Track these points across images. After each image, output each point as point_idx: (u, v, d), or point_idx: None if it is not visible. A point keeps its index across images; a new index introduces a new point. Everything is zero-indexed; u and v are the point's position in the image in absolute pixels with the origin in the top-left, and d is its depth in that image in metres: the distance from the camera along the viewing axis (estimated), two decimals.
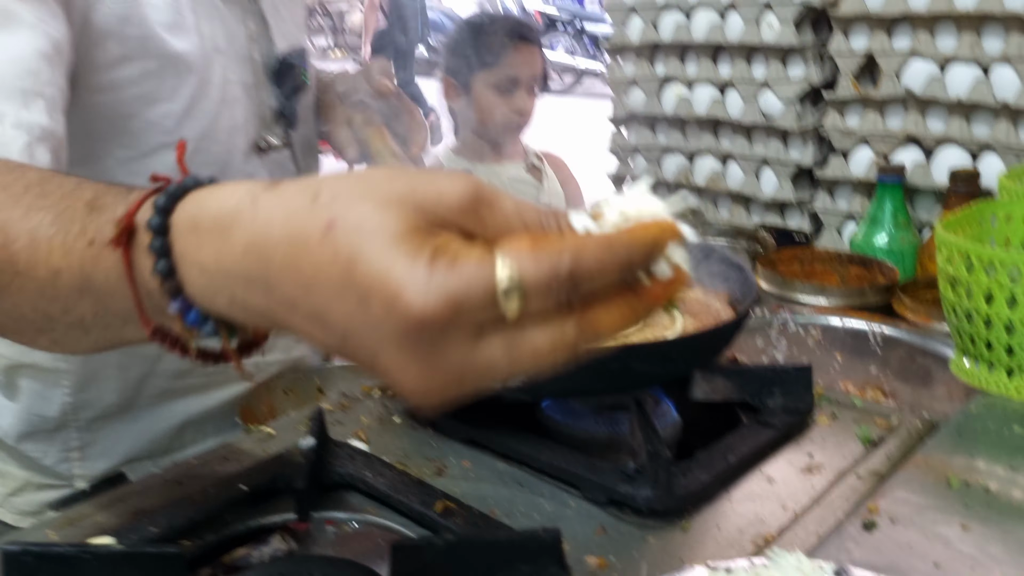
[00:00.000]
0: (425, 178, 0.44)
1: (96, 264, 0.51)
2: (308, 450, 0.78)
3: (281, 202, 0.45)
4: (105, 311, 0.53)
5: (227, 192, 0.48)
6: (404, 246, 0.41)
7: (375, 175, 0.45)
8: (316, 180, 0.45)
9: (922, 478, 0.80)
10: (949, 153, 1.53)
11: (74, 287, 0.52)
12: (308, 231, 0.43)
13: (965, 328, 0.95)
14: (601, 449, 0.88)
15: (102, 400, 1.05)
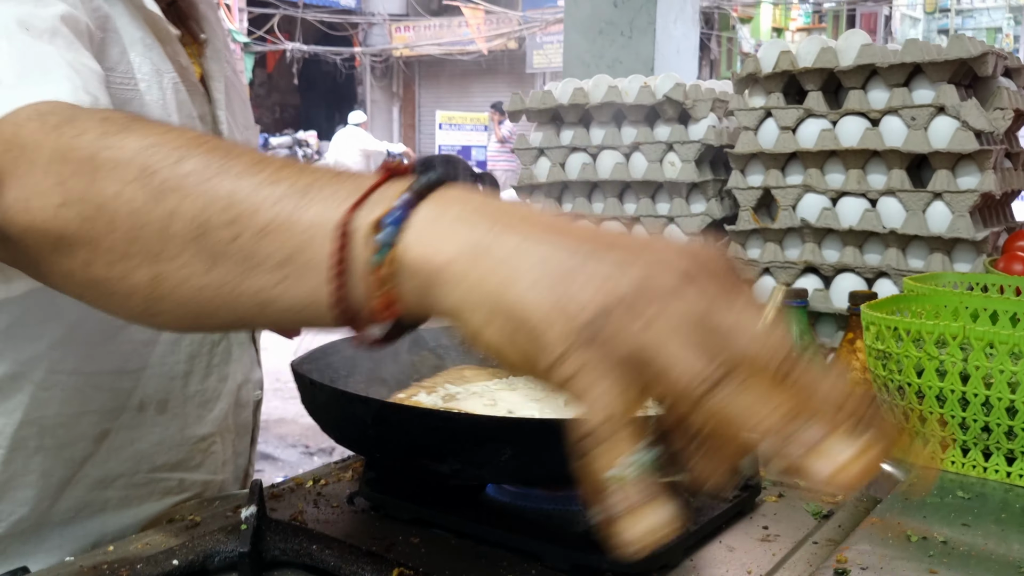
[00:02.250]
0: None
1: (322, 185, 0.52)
2: (249, 518, 0.72)
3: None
4: (286, 232, 0.51)
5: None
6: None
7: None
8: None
9: (881, 534, 0.80)
10: (846, 280, 1.62)
11: (279, 194, 0.52)
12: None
13: (898, 403, 0.97)
14: (556, 526, 0.84)
15: (13, 512, 0.95)
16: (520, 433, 0.72)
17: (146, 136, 0.58)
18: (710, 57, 14.13)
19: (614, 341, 0.43)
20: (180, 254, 0.54)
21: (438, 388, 0.98)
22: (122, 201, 0.56)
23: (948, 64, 1.48)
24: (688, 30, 3.15)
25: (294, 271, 0.52)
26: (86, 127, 0.60)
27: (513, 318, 0.45)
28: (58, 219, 0.58)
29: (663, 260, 0.44)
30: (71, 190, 0.58)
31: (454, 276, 0.47)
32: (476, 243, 0.47)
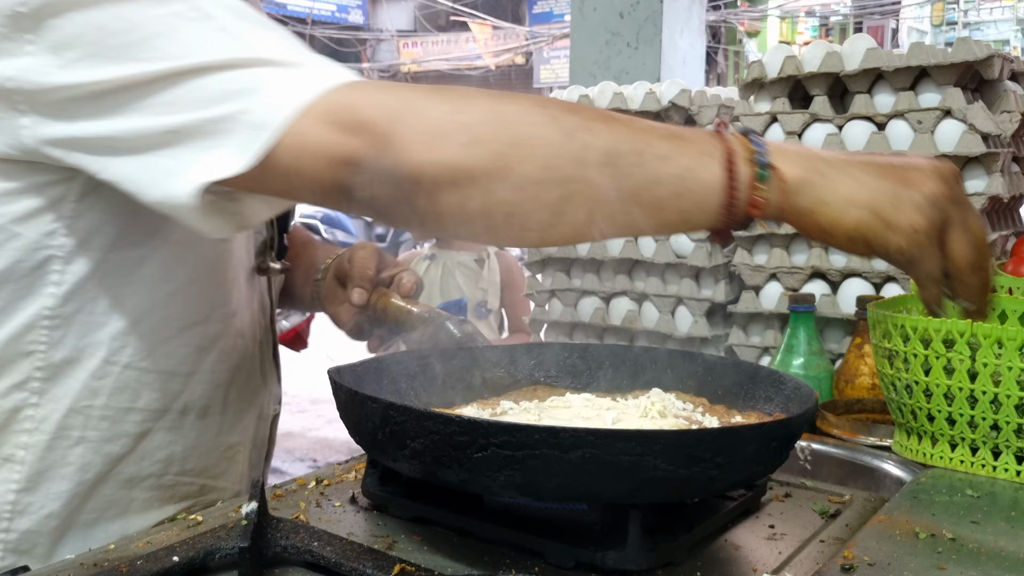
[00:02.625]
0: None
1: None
2: (250, 514, 0.72)
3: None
4: (686, 154, 0.75)
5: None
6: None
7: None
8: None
9: (889, 531, 0.79)
10: (853, 285, 1.61)
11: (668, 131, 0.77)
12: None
13: (906, 402, 0.96)
14: (559, 523, 0.83)
15: (44, 506, 0.95)
16: (516, 437, 0.71)
17: (523, 99, 0.78)
18: (717, 71, 14.15)
19: (932, 234, 0.77)
20: (592, 175, 0.73)
21: (498, 404, 0.98)
22: (539, 139, 0.74)
23: (954, 67, 1.47)
24: (694, 40, 3.15)
25: (690, 186, 0.74)
26: (453, 93, 0.78)
27: (868, 208, 0.76)
28: (467, 156, 0.74)
29: (941, 189, 0.78)
30: (479, 133, 0.74)
31: (811, 185, 0.75)
32: (814, 166, 0.76)
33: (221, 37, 0.80)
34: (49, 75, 0.81)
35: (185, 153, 0.79)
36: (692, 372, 1.04)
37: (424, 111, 0.76)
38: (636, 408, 0.92)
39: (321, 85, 0.77)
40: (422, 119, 0.75)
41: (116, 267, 0.93)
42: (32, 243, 0.90)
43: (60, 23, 0.80)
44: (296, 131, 0.76)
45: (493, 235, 0.79)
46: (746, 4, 14.75)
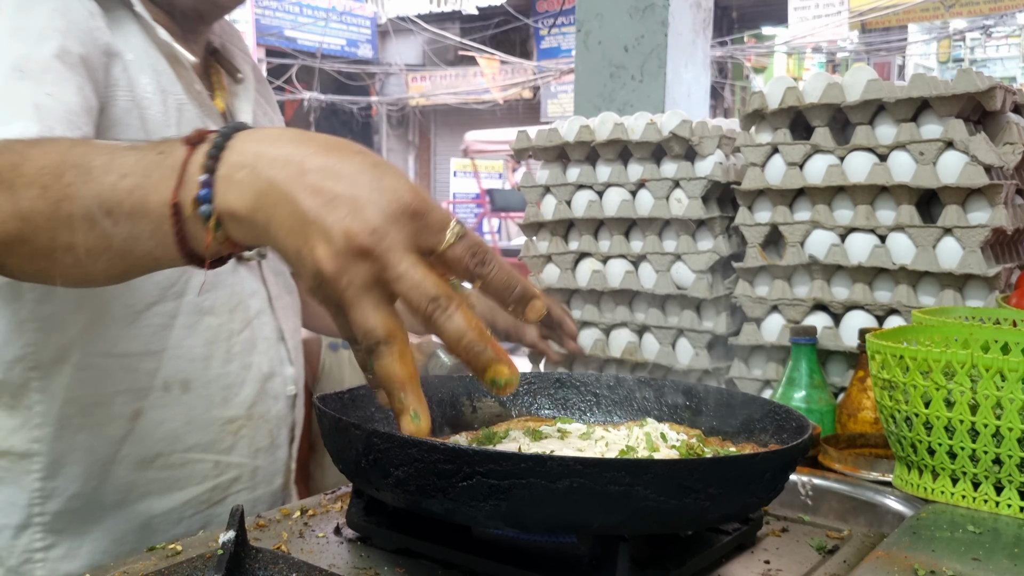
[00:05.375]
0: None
1: (159, 163, 0.72)
2: (227, 544, 0.70)
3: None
4: (145, 215, 0.72)
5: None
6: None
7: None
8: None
9: (887, 568, 0.76)
10: (856, 317, 1.59)
11: (130, 187, 0.73)
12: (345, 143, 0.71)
13: (906, 435, 0.94)
14: (547, 557, 0.81)
15: (68, 488, 1.07)
16: (503, 466, 0.69)
17: (38, 159, 0.77)
18: (724, 105, 14.21)
19: (327, 294, 0.67)
20: (85, 240, 0.75)
21: (487, 434, 0.96)
22: (36, 213, 0.76)
23: (956, 99, 1.46)
24: (699, 74, 3.15)
25: (162, 239, 0.73)
26: (5, 160, 0.78)
27: (285, 255, 0.69)
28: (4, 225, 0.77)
29: (358, 223, 0.66)
30: (3, 209, 0.77)
31: (251, 224, 0.69)
32: (255, 198, 0.69)
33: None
34: None
35: None
36: (687, 403, 1.02)
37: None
38: (628, 439, 0.90)
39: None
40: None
41: None
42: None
43: None
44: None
45: (47, 282, 0.82)
46: (753, 40, 14.85)
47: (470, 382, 1.06)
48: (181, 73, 1.13)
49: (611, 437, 0.90)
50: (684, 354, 1.76)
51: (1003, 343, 1.05)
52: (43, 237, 0.76)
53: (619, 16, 2.94)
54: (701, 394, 1.02)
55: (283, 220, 0.67)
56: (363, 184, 0.66)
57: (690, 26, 2.97)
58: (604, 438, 0.90)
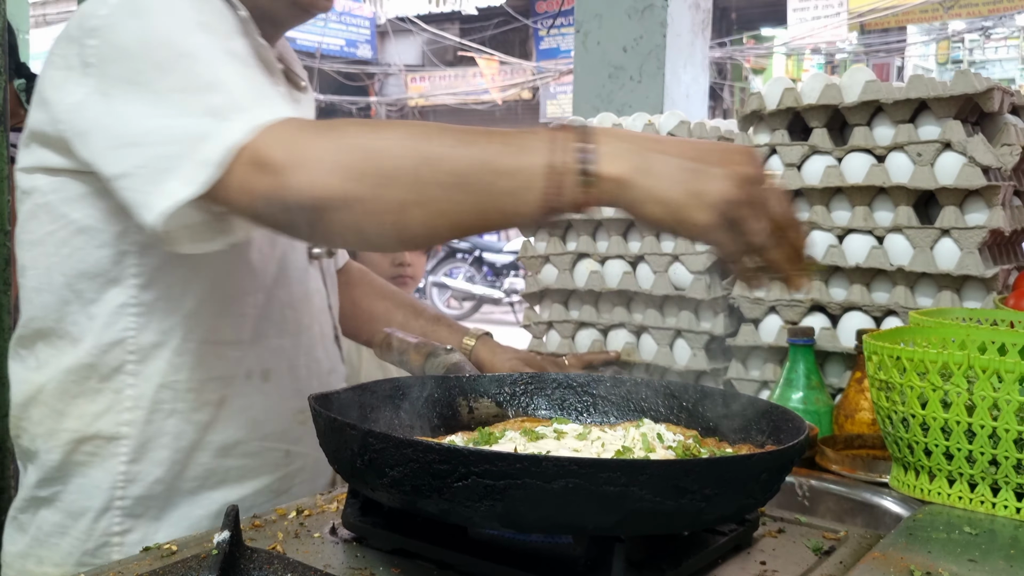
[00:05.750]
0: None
1: (525, 139, 0.89)
2: (222, 544, 0.70)
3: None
4: (520, 175, 0.87)
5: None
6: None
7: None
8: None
9: (883, 569, 0.76)
10: (853, 318, 1.59)
11: (498, 151, 0.89)
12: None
13: (902, 436, 0.94)
14: (543, 558, 0.81)
15: (151, 473, 1.11)
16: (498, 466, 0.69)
17: (396, 129, 0.94)
18: (723, 107, 14.21)
19: (729, 219, 0.85)
20: (446, 196, 0.88)
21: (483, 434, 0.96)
22: (401, 170, 0.88)
23: (954, 100, 1.46)
24: (698, 75, 3.15)
25: (527, 196, 0.87)
26: (346, 130, 0.93)
27: (667, 203, 0.86)
28: (343, 189, 0.89)
29: (739, 171, 0.86)
30: (353, 169, 0.89)
31: (629, 185, 0.86)
32: (636, 165, 0.86)
33: (193, 78, 0.97)
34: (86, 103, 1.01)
35: (147, 186, 0.95)
36: (684, 404, 1.02)
37: (315, 152, 0.91)
38: (625, 439, 0.89)
39: (249, 130, 0.92)
40: (313, 160, 0.90)
41: (182, 256, 1.04)
42: (112, 239, 1.06)
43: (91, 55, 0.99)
44: (230, 170, 0.91)
45: (367, 245, 1.02)
46: (752, 41, 14.85)
47: (467, 382, 1.05)
48: (274, 77, 1.19)
49: (607, 438, 0.89)
50: (682, 355, 1.76)
51: (1000, 344, 1.05)
52: (397, 192, 0.88)
53: (618, 17, 2.94)
54: (698, 395, 1.02)
55: (669, 175, 0.86)
56: (731, 149, 0.89)
57: (689, 27, 2.97)
58: (600, 439, 0.90)
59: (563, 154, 0.87)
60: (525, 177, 0.87)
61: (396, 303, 1.59)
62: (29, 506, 1.14)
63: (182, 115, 0.94)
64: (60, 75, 1.04)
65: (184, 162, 0.92)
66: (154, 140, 0.95)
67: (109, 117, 0.98)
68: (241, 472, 1.16)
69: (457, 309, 10.74)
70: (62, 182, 1.08)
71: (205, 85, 0.96)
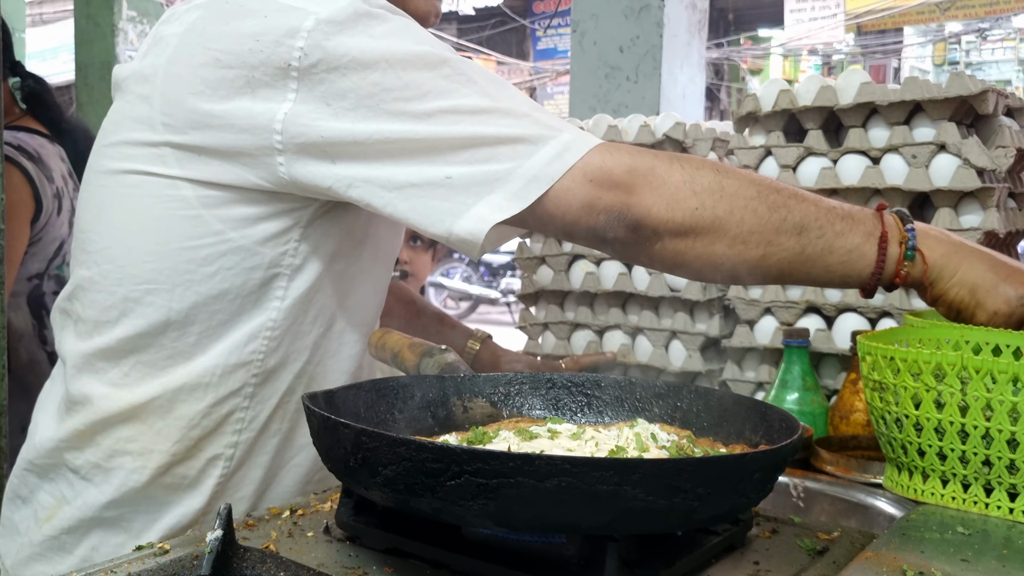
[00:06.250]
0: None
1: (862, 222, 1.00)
2: (214, 542, 0.70)
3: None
4: (851, 236, 0.99)
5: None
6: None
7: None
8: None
9: (876, 569, 0.76)
10: (848, 320, 1.59)
11: (841, 213, 1.00)
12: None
13: (896, 436, 0.94)
14: (537, 558, 0.81)
15: (240, 490, 1.09)
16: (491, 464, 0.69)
17: (741, 176, 1.00)
18: (719, 108, 14.22)
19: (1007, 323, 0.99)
20: (784, 242, 0.97)
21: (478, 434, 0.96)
22: (749, 210, 0.97)
23: (948, 102, 1.47)
24: (694, 75, 3.15)
25: (853, 258, 0.99)
26: (687, 163, 0.99)
27: (972, 286, 0.99)
28: (694, 216, 0.96)
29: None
30: (704, 201, 0.96)
31: (943, 268, 1.00)
32: (950, 254, 1.00)
33: (487, 105, 0.98)
34: (319, 121, 0.96)
35: (462, 197, 0.95)
36: (678, 404, 1.02)
37: (664, 177, 0.96)
38: (619, 439, 0.90)
39: (581, 149, 0.96)
40: (663, 183, 0.96)
41: (327, 282, 1.09)
42: (268, 262, 1.04)
43: (334, 78, 0.95)
44: (562, 185, 0.95)
45: (702, 276, 1.04)
46: (749, 42, 14.86)
47: (461, 382, 1.05)
48: None
49: (601, 437, 0.89)
50: (677, 356, 1.76)
51: (994, 346, 1.05)
52: (740, 232, 0.97)
53: (615, 17, 2.94)
54: (692, 395, 1.02)
55: (979, 263, 1.00)
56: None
57: (685, 27, 2.97)
58: (594, 438, 0.90)
59: (892, 229, 0.99)
60: (858, 243, 0.98)
61: (400, 299, 1.58)
62: (81, 526, 1.07)
63: (507, 128, 0.97)
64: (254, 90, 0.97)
65: (511, 177, 0.95)
66: (472, 155, 0.96)
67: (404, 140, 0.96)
68: (296, 478, 1.15)
69: (454, 309, 10.76)
70: (226, 198, 1.02)
71: (502, 106, 0.98)
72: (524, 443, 0.88)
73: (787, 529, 0.92)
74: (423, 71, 0.97)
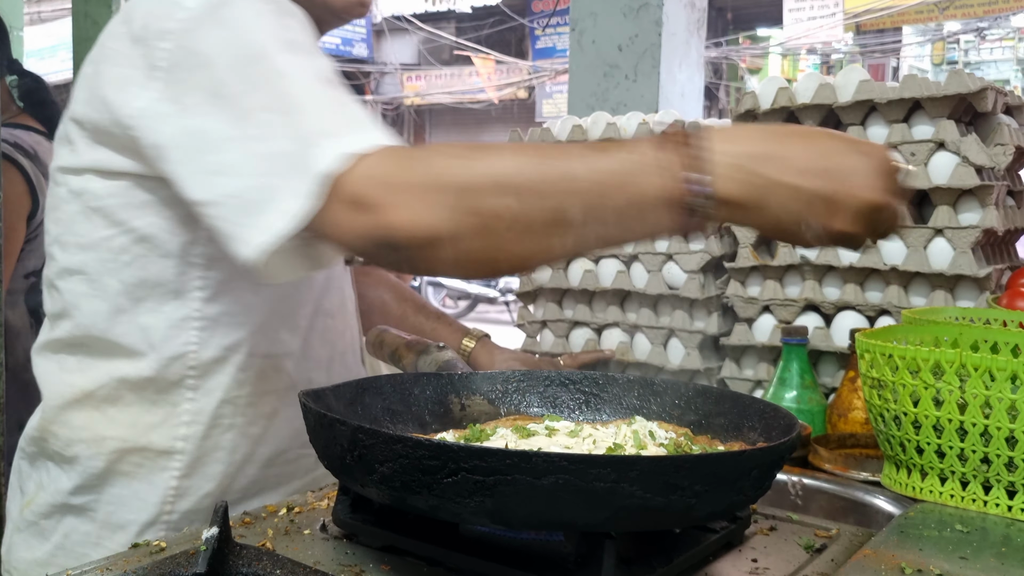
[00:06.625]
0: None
1: (641, 162, 0.81)
2: (210, 540, 0.69)
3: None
4: (637, 206, 0.81)
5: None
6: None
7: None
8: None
9: (875, 566, 0.76)
10: (847, 318, 1.59)
11: (620, 183, 0.81)
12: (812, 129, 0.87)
13: (894, 434, 0.94)
14: (534, 556, 0.81)
15: (203, 487, 1.09)
16: (488, 462, 0.69)
17: (493, 158, 0.85)
18: (718, 107, 14.22)
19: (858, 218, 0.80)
20: (559, 230, 0.82)
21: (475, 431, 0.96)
22: (503, 208, 0.81)
23: (947, 100, 1.47)
24: (693, 74, 3.15)
25: (653, 217, 0.82)
26: (437, 161, 0.85)
27: (795, 221, 0.81)
28: (447, 222, 0.81)
29: (869, 166, 0.81)
30: (458, 203, 0.82)
31: (745, 207, 0.81)
32: (755, 183, 0.81)
33: (286, 105, 0.90)
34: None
35: (240, 218, 0.89)
36: (676, 402, 1.02)
37: (413, 182, 0.84)
38: (616, 436, 0.89)
39: (341, 156, 0.85)
40: (410, 192, 0.83)
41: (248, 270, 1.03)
42: (177, 250, 1.03)
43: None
44: (324, 204, 0.85)
45: (473, 276, 0.90)
46: (748, 41, 14.86)
47: (459, 380, 1.05)
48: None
49: (599, 435, 0.89)
50: (676, 354, 1.76)
51: (993, 343, 1.05)
52: (505, 230, 0.82)
53: (613, 15, 2.94)
54: (691, 393, 1.02)
55: (786, 200, 0.80)
56: (850, 153, 0.81)
57: (684, 26, 2.97)
58: (592, 436, 0.90)
59: (674, 183, 0.81)
60: (644, 208, 0.82)
61: (398, 296, 1.57)
62: (55, 512, 1.10)
63: (271, 139, 0.88)
64: (120, 73, 0.98)
65: (279, 194, 0.86)
66: (245, 168, 0.89)
67: (189, 135, 0.92)
68: (278, 480, 1.16)
69: (452, 308, 10.76)
70: (123, 187, 1.03)
71: (295, 107, 0.90)
72: (521, 440, 0.88)
73: (785, 527, 0.92)
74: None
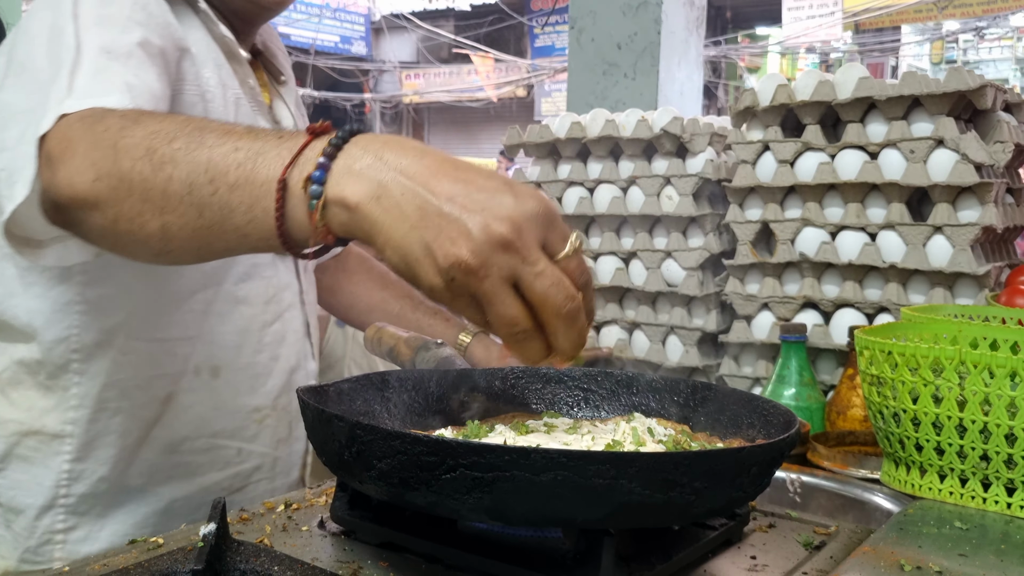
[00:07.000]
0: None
1: (277, 144, 0.74)
2: (208, 536, 0.69)
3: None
4: (248, 187, 0.73)
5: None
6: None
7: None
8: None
9: (874, 563, 0.76)
10: (846, 315, 1.59)
11: (241, 159, 0.74)
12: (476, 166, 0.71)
13: (893, 431, 0.94)
14: (531, 552, 0.80)
15: (96, 471, 1.09)
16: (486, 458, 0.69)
17: (149, 125, 0.80)
18: (717, 105, 14.21)
19: (463, 285, 0.67)
20: (177, 207, 0.77)
21: (472, 428, 0.96)
22: (135, 173, 0.78)
23: (946, 97, 1.46)
24: (692, 72, 3.15)
25: (258, 214, 0.74)
26: (110, 123, 0.82)
27: (400, 251, 0.68)
28: (93, 189, 0.81)
29: (491, 229, 0.67)
30: (101, 168, 0.80)
31: (363, 214, 0.69)
32: (376, 189, 0.69)
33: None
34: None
35: (4, 191, 0.88)
36: (675, 399, 1.01)
37: (78, 147, 0.83)
38: (615, 433, 0.89)
39: (54, 117, 0.85)
40: (74, 155, 0.83)
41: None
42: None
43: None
44: (38, 172, 0.85)
45: (123, 253, 0.87)
46: (747, 40, 14.87)
47: (457, 376, 1.05)
48: (236, 68, 1.18)
49: (598, 431, 0.89)
50: (674, 351, 1.76)
51: (992, 340, 1.04)
52: (136, 199, 0.79)
53: (612, 13, 2.93)
54: (690, 390, 1.02)
55: (406, 215, 0.67)
56: (496, 188, 0.68)
57: (683, 24, 2.96)
58: (591, 432, 0.89)
59: (301, 167, 0.72)
60: (255, 191, 0.74)
61: (395, 293, 1.57)
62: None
63: (33, 109, 0.89)
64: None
65: (28, 162, 0.85)
66: (10, 141, 0.90)
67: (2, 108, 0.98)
68: (189, 469, 1.15)
69: None
70: None
71: (57, 77, 0.91)
72: (520, 437, 0.87)
73: (784, 524, 0.92)
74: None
